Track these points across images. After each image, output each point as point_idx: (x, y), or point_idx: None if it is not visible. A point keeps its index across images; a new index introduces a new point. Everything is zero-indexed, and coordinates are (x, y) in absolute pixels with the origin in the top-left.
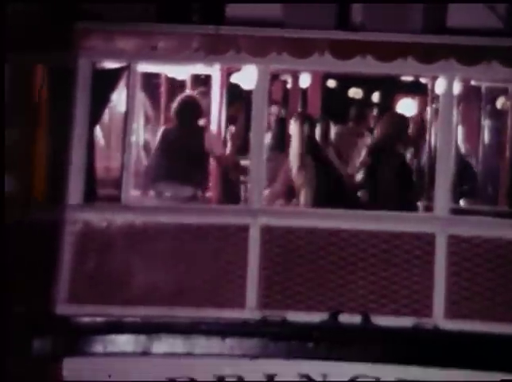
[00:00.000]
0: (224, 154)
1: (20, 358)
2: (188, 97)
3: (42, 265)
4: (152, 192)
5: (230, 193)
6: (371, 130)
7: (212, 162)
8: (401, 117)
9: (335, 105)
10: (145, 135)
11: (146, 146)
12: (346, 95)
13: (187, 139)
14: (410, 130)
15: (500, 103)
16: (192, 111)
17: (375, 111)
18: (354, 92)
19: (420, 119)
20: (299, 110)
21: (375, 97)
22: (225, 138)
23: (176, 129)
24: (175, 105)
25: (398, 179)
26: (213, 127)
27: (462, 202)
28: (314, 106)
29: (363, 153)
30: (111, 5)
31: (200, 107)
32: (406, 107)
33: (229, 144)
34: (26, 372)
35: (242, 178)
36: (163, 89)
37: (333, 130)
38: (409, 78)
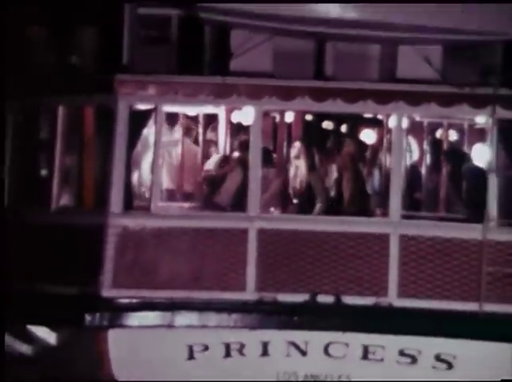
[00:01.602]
0: None
1: (74, 329)
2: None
3: (91, 259)
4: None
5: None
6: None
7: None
8: (361, 143)
9: (312, 135)
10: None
11: None
12: (320, 126)
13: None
14: (368, 153)
15: (439, 134)
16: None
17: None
18: (327, 124)
19: (378, 145)
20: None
21: (343, 128)
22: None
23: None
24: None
25: (357, 190)
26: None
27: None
28: (296, 135)
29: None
30: (143, 61)
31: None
32: (368, 136)
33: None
34: (80, 340)
35: None
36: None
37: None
38: (369, 115)
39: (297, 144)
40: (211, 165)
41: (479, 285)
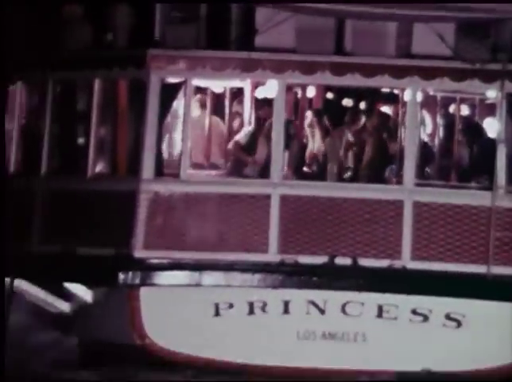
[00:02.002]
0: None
1: (109, 287)
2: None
3: (124, 222)
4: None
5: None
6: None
7: None
8: (385, 115)
9: (332, 111)
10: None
11: None
12: (340, 103)
13: None
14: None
15: (452, 108)
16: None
17: (363, 117)
18: (347, 102)
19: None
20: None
21: (362, 105)
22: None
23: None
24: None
25: (380, 158)
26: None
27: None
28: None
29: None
30: (174, 36)
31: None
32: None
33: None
34: (114, 298)
35: None
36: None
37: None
38: (386, 90)
39: (309, 113)
40: (242, 137)
41: (487, 249)
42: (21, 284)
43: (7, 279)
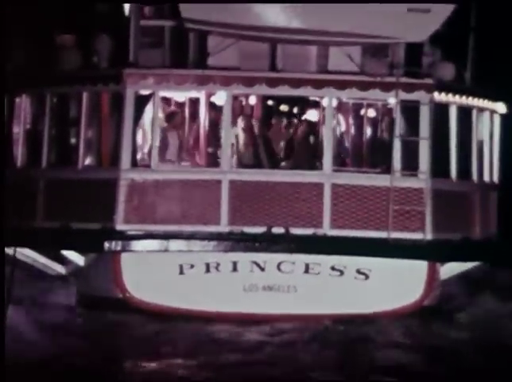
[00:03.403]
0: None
1: (96, 253)
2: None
3: (108, 202)
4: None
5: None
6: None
7: None
8: (313, 123)
9: (271, 115)
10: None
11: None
12: (278, 108)
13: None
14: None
15: (361, 111)
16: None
17: (294, 119)
18: (283, 107)
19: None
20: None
21: (295, 109)
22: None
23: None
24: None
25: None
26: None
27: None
28: (257, 115)
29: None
30: (145, 58)
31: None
32: (312, 114)
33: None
34: (101, 262)
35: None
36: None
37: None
38: (311, 98)
39: (240, 120)
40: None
41: (388, 219)
42: (27, 252)
43: (12, 248)
